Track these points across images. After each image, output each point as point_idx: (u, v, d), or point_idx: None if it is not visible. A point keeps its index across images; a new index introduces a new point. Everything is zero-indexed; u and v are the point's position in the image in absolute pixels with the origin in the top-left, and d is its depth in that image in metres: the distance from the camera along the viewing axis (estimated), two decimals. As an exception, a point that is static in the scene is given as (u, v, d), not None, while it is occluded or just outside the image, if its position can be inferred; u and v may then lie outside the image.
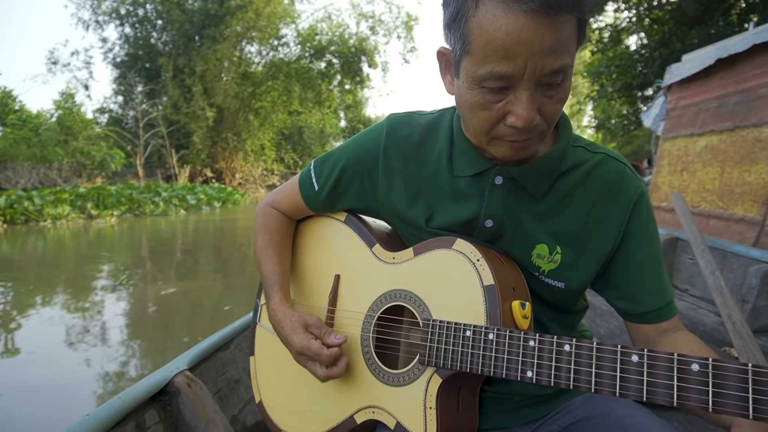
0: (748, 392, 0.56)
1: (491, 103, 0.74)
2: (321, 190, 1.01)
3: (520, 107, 0.72)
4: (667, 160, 4.42)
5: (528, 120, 0.72)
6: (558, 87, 0.73)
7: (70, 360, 4.00)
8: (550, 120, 0.76)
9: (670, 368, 0.61)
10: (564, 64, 0.70)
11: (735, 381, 0.57)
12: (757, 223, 3.12)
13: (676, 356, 0.61)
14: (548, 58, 0.68)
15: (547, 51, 0.68)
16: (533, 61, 0.68)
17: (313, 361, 0.89)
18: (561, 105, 0.76)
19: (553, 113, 0.75)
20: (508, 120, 0.74)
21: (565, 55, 0.70)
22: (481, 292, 0.80)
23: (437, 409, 0.81)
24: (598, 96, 15.32)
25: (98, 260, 8.42)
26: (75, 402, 3.24)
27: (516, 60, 0.68)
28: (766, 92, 3.34)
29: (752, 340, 2.04)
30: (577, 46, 0.74)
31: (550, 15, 0.66)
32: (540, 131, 0.76)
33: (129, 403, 1.21)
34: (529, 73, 0.69)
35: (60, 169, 21.53)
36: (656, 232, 0.90)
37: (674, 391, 0.60)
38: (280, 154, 32.07)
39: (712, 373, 0.58)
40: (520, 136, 0.75)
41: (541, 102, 0.73)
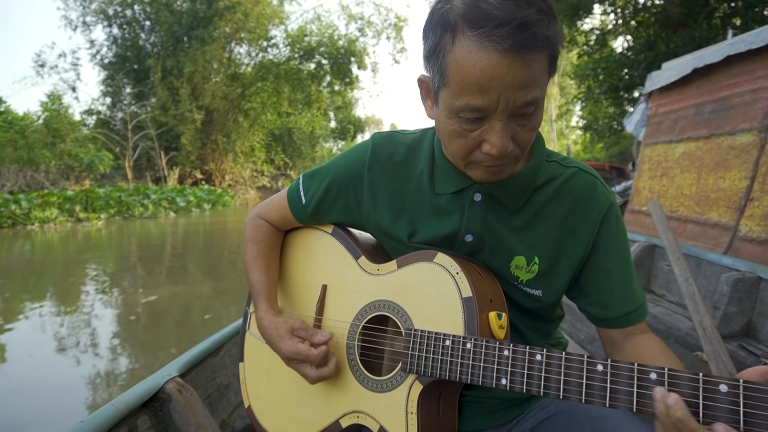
0: (698, 398, 0.62)
1: (467, 131, 0.79)
2: (308, 204, 1.06)
3: (494, 137, 0.77)
4: (648, 165, 4.52)
5: (502, 148, 0.77)
6: (530, 117, 0.78)
7: (60, 366, 4.01)
8: (523, 146, 0.81)
9: (631, 377, 0.67)
10: (535, 97, 0.75)
11: (687, 389, 0.63)
12: (730, 228, 3.22)
13: (636, 366, 0.66)
14: (520, 92, 0.73)
15: (519, 86, 0.72)
16: (506, 95, 0.73)
17: (303, 364, 0.93)
18: (533, 132, 0.81)
19: (527, 140, 0.81)
20: (484, 148, 0.79)
21: (536, 89, 0.75)
22: (460, 303, 0.85)
23: (418, 414, 0.85)
24: (585, 98, 15.45)
25: (85, 265, 8.39)
26: (66, 408, 3.27)
27: (490, 94, 0.73)
28: (740, 102, 3.44)
29: (721, 346, 2.13)
30: (549, 77, 0.80)
31: (522, 54, 0.70)
32: (514, 156, 0.82)
33: (121, 410, 1.26)
34: (503, 106, 0.74)
35: (47, 172, 21.31)
36: (625, 241, 0.95)
37: (634, 398, 0.66)
38: (270, 155, 31.97)
39: (668, 381, 0.64)
40: (495, 162, 0.80)
41: (514, 130, 0.78)
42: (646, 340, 0.91)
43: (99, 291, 6.10)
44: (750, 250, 3.00)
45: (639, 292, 0.95)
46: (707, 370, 2.21)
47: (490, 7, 0.70)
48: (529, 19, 0.70)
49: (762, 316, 2.45)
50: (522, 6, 0.70)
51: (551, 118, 30.35)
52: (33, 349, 4.47)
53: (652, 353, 0.87)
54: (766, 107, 3.16)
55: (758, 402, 0.58)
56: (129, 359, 4.28)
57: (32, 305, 5.89)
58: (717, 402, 0.60)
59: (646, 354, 0.87)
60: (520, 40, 0.69)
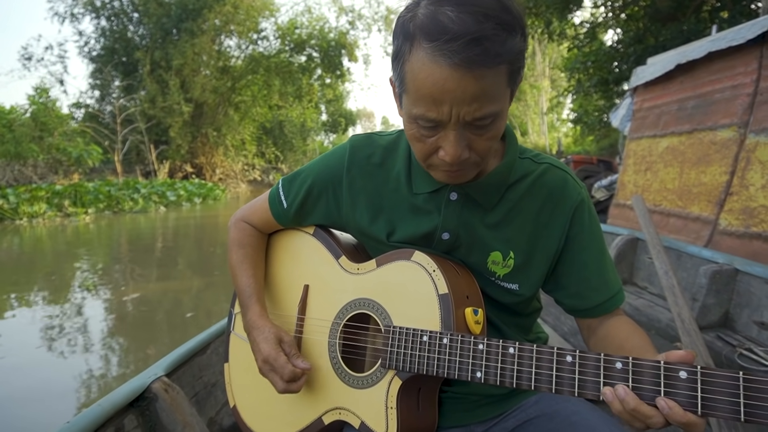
0: (660, 386, 0.65)
1: (425, 137, 0.81)
2: (289, 207, 1.08)
3: (448, 145, 0.78)
4: (633, 159, 4.58)
5: (455, 156, 0.79)
6: (486, 128, 0.78)
7: (48, 363, 4.02)
8: (482, 154, 0.82)
9: (598, 367, 0.70)
10: (488, 112, 0.75)
11: (650, 377, 0.66)
12: (710, 222, 3.29)
13: (603, 356, 0.70)
14: (471, 106, 0.74)
15: (470, 100, 0.73)
16: (457, 108, 0.74)
17: (274, 372, 0.96)
18: (492, 141, 0.82)
19: (484, 149, 0.82)
20: (439, 154, 0.81)
21: (489, 104, 0.75)
22: (437, 300, 0.87)
23: (398, 409, 0.88)
24: (575, 91, 15.52)
25: (74, 261, 8.37)
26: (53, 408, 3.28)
27: (442, 107, 0.74)
28: (721, 97, 3.50)
29: (698, 337, 2.19)
30: (512, 90, 0.80)
31: (471, 69, 0.71)
32: (473, 162, 0.83)
33: (108, 410, 1.26)
34: (455, 119, 0.75)
35: (35, 166, 21.08)
36: (598, 233, 0.98)
37: (601, 387, 0.69)
38: (261, 148, 31.81)
39: (632, 370, 0.67)
40: (451, 167, 0.82)
41: (470, 139, 0.79)
42: (617, 322, 0.95)
43: (83, 288, 6.01)
44: (729, 243, 3.08)
45: (614, 281, 0.98)
46: (684, 360, 2.28)
47: (447, 20, 0.71)
48: (482, 34, 0.70)
49: (738, 306, 2.51)
50: (479, 20, 0.70)
51: (542, 110, 30.44)
52: (19, 346, 4.47)
53: (624, 333, 0.91)
54: (746, 103, 3.23)
55: (714, 387, 0.62)
56: (117, 356, 4.30)
57: (20, 301, 5.88)
58: (677, 388, 0.64)
59: (619, 334, 0.91)
60: (470, 56, 0.70)
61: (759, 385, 0.60)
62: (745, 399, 0.60)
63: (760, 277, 2.38)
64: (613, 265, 0.99)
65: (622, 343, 0.89)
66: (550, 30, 13.61)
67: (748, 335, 2.41)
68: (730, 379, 0.62)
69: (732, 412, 0.61)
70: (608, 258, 0.98)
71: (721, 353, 2.29)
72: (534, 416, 0.97)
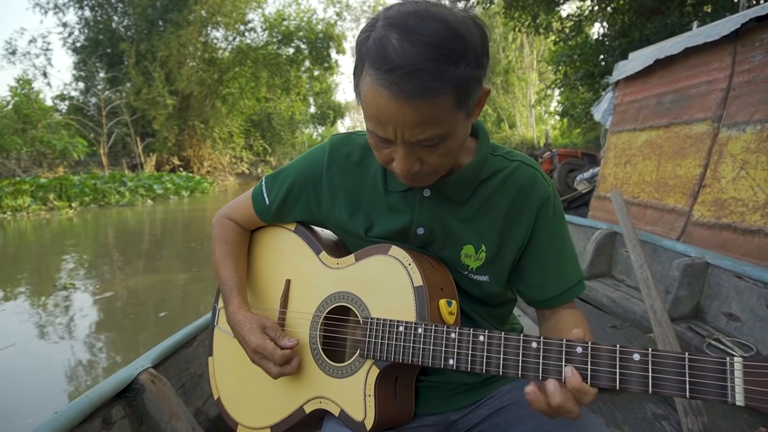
0: (615, 367, 0.70)
1: (381, 147, 0.85)
2: (272, 204, 1.11)
3: (398, 159, 0.83)
4: (614, 152, 4.65)
5: (404, 170, 0.83)
6: (436, 146, 0.81)
7: (34, 357, 4.03)
8: (436, 167, 0.85)
9: (560, 351, 0.74)
10: (432, 135, 0.78)
11: (606, 359, 0.70)
12: (684, 214, 3.36)
13: (565, 341, 0.74)
14: (414, 130, 0.77)
15: (412, 125, 0.76)
16: (401, 130, 0.77)
17: (266, 360, 0.99)
18: (445, 158, 0.84)
19: (438, 164, 0.84)
20: (392, 165, 0.85)
21: (432, 128, 0.77)
22: (412, 292, 0.90)
23: (376, 397, 0.91)
24: (561, 84, 15.60)
25: (60, 255, 8.31)
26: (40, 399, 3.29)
27: (387, 128, 0.78)
28: (696, 92, 3.57)
29: (669, 328, 2.26)
30: (466, 111, 0.81)
31: (409, 101, 0.73)
32: (427, 173, 0.86)
33: (95, 401, 1.30)
34: (400, 139, 0.79)
35: (19, 159, 20.78)
36: (562, 229, 1.02)
37: (563, 369, 0.73)
38: (249, 141, 31.63)
39: (591, 354, 0.72)
40: (406, 177, 0.86)
41: (421, 155, 0.82)
42: (567, 314, 1.00)
43: (69, 281, 5.96)
44: (701, 234, 3.15)
45: (573, 274, 1.02)
46: (656, 349, 2.35)
47: (391, 49, 0.73)
48: (420, 67, 0.71)
49: (709, 298, 2.59)
50: (422, 52, 0.71)
51: (530, 103, 30.52)
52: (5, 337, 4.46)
53: (570, 324, 0.96)
54: (719, 98, 3.30)
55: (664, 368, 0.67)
56: (104, 348, 4.30)
57: (5, 294, 5.85)
58: (631, 369, 0.68)
59: (565, 326, 0.96)
60: (406, 88, 0.72)
61: (627, 356, 0.69)
62: (620, 369, 0.69)
63: (730, 270, 2.46)
64: (574, 258, 1.04)
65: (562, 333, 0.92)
66: (537, 23, 13.65)
67: (717, 326, 2.49)
68: (610, 352, 0.71)
69: (610, 381, 0.70)
70: (569, 252, 1.03)
71: (690, 343, 2.36)
72: (507, 404, 1.01)
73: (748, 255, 2.72)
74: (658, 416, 1.92)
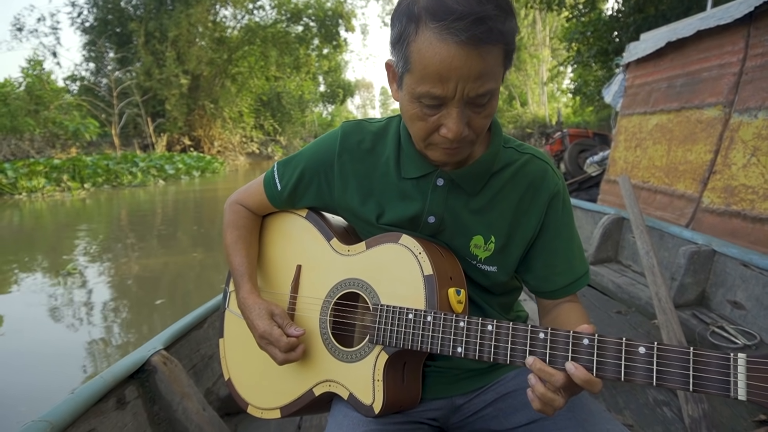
0: (621, 360, 0.72)
1: (427, 116, 0.84)
2: (283, 190, 1.13)
3: (450, 122, 0.82)
4: (624, 136, 4.62)
5: (457, 132, 0.83)
6: (485, 105, 0.83)
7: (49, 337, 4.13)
8: (478, 131, 0.87)
9: (567, 342, 0.76)
10: (489, 89, 0.81)
11: (612, 352, 0.73)
12: (694, 200, 3.35)
13: (572, 333, 0.76)
14: (475, 83, 0.79)
15: (475, 77, 0.78)
16: (462, 85, 0.78)
17: (272, 346, 1.02)
18: (488, 119, 0.87)
19: (481, 126, 0.87)
20: (441, 131, 0.85)
21: (491, 81, 0.80)
22: (422, 281, 0.92)
23: (384, 381, 0.93)
24: (574, 61, 15.34)
25: (73, 236, 8.45)
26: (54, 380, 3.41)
27: (448, 84, 0.79)
28: (708, 76, 3.52)
29: (673, 315, 2.28)
30: (504, 70, 0.84)
31: (478, 46, 0.76)
32: (469, 141, 0.87)
33: (110, 382, 1.37)
34: (459, 95, 0.80)
35: (32, 140, 20.98)
36: (571, 222, 1.04)
37: (569, 359, 0.75)
38: (259, 120, 31.59)
39: (597, 346, 0.74)
40: (451, 144, 0.86)
41: (469, 117, 0.84)
42: (569, 307, 1.03)
43: (84, 262, 6.01)
44: (710, 221, 3.15)
45: (579, 267, 1.03)
46: (660, 336, 2.38)
47: (452, 1, 0.76)
48: (486, 14, 0.75)
49: (714, 286, 2.60)
50: (481, 2, 0.76)
51: (542, 80, 30.06)
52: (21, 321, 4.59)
53: (572, 319, 0.99)
54: (731, 82, 3.25)
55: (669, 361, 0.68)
56: (118, 327, 4.41)
57: (22, 274, 5.99)
58: (636, 362, 0.70)
59: (566, 320, 0.99)
60: (477, 34, 0.75)
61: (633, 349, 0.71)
62: (625, 362, 0.71)
63: (736, 259, 2.46)
64: (581, 250, 1.06)
65: (565, 326, 0.94)
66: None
67: (722, 313, 2.51)
68: (616, 344, 0.72)
69: (615, 373, 0.72)
70: (576, 245, 1.05)
71: (694, 330, 2.39)
72: (512, 390, 1.04)
73: (757, 243, 2.72)
74: (659, 402, 1.96)
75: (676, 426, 1.82)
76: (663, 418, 1.87)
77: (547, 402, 0.77)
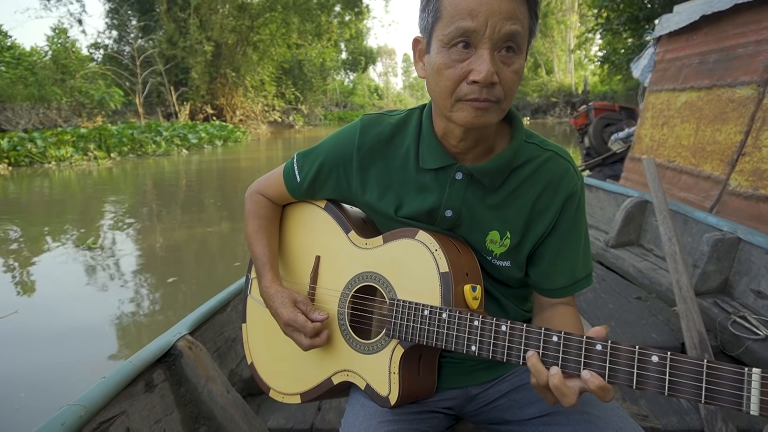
0: (633, 368, 0.72)
1: (456, 62, 0.85)
2: (303, 181, 1.14)
3: (480, 63, 0.83)
4: (651, 113, 4.49)
5: (488, 74, 0.82)
6: (513, 56, 0.85)
7: (83, 305, 4.29)
8: (506, 88, 0.86)
9: (580, 347, 0.77)
10: (518, 30, 0.83)
11: (625, 359, 0.73)
12: (721, 182, 3.27)
13: (585, 338, 0.77)
14: (505, 21, 0.81)
15: (504, 14, 0.81)
16: (492, 20, 0.81)
17: (298, 332, 1.05)
18: (516, 76, 0.87)
19: (510, 82, 0.86)
20: (471, 76, 0.84)
21: (518, 24, 0.82)
22: (438, 277, 0.93)
23: (400, 374, 0.95)
24: (603, 29, 14.84)
25: (102, 204, 8.65)
26: (90, 347, 3.55)
27: (478, 18, 0.81)
28: (744, 52, 3.38)
29: (694, 304, 2.25)
30: (530, 29, 0.87)
31: None
32: (497, 98, 0.86)
33: (138, 366, 1.43)
34: (490, 31, 0.81)
35: (59, 109, 21.35)
36: (582, 222, 1.04)
37: (581, 366, 0.76)
38: (280, 89, 31.48)
39: (610, 352, 0.74)
40: (480, 94, 0.84)
41: (499, 67, 0.84)
42: (565, 312, 1.03)
43: (84, 247, 5.94)
44: (736, 204, 3.08)
45: (582, 269, 1.04)
46: (679, 324, 2.37)
47: None
48: None
49: (738, 274, 2.56)
50: None
51: (569, 47, 29.17)
52: (55, 286, 4.75)
53: (566, 324, 0.99)
54: (767, 60, 3.12)
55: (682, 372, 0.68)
56: (148, 295, 4.54)
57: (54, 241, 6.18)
58: (648, 371, 0.70)
59: (560, 324, 0.99)
60: None
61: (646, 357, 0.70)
62: (638, 370, 0.71)
63: (761, 248, 2.41)
64: (587, 252, 1.06)
65: None
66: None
67: (745, 302, 2.47)
68: (629, 352, 0.72)
69: (627, 380, 0.72)
70: (584, 247, 1.05)
71: (715, 320, 2.36)
72: (527, 381, 1.05)
73: (784, 229, 2.66)
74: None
75: (691, 416, 1.83)
76: (678, 408, 1.88)
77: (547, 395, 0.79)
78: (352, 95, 55.84)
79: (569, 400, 0.76)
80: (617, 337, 2.37)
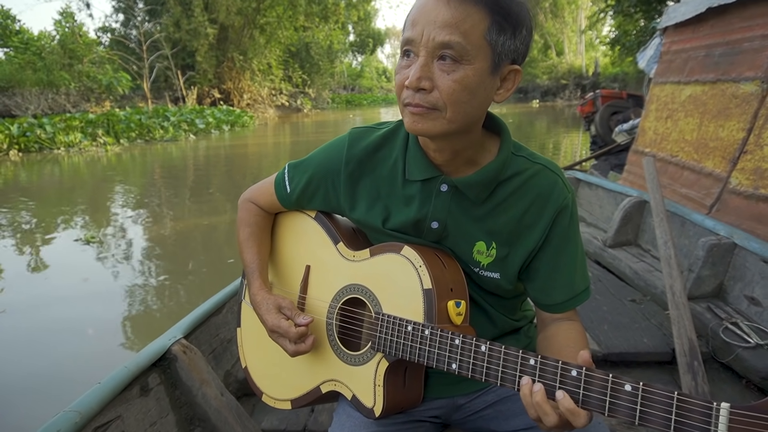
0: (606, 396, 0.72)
1: (402, 68, 0.88)
2: (292, 193, 1.16)
3: (413, 68, 0.85)
4: (655, 105, 4.41)
5: (413, 78, 0.84)
6: (454, 64, 0.84)
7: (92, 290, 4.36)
8: (445, 96, 0.85)
9: (555, 372, 0.78)
10: (454, 41, 0.82)
11: (598, 386, 0.73)
12: (722, 180, 3.22)
13: (561, 363, 0.78)
14: (440, 29, 0.82)
15: (441, 24, 0.82)
16: (428, 29, 0.82)
17: (283, 338, 1.06)
18: (456, 85, 0.84)
19: (448, 90, 0.84)
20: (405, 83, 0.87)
21: (457, 35, 0.81)
22: (421, 294, 0.93)
23: (384, 387, 0.97)
24: (613, 11, 14.52)
25: (112, 191, 8.72)
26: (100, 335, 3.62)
27: (417, 27, 0.84)
28: (749, 47, 3.30)
29: (686, 311, 2.24)
30: (493, 50, 0.85)
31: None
32: (432, 105, 0.86)
33: (134, 370, 1.45)
34: (425, 40, 0.83)
35: (68, 94, 21.41)
36: (576, 236, 1.04)
37: (556, 390, 0.77)
38: (287, 72, 31.28)
39: (585, 379, 0.75)
40: (413, 99, 0.86)
41: (436, 74, 0.85)
42: (567, 327, 1.03)
43: (84, 242, 5.90)
44: (736, 203, 3.03)
45: (579, 283, 1.03)
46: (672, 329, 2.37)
47: None
48: None
49: (733, 279, 2.54)
50: None
51: (579, 28, 28.63)
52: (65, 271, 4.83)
53: (569, 340, 0.99)
54: (772, 57, 3.05)
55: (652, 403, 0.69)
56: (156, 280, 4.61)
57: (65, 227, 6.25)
58: (620, 399, 0.71)
59: (562, 340, 1.00)
60: None
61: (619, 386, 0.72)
62: (610, 399, 0.72)
63: (756, 254, 2.39)
64: (583, 265, 1.06)
65: (560, 348, 0.97)
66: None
67: (738, 308, 2.46)
68: (602, 380, 0.73)
69: (599, 407, 0.73)
70: (580, 260, 1.05)
71: (707, 326, 2.36)
72: (513, 393, 1.07)
73: (782, 231, 2.62)
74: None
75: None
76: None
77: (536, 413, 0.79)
78: (360, 78, 55.39)
79: (550, 419, 0.77)
80: (609, 342, 2.37)
